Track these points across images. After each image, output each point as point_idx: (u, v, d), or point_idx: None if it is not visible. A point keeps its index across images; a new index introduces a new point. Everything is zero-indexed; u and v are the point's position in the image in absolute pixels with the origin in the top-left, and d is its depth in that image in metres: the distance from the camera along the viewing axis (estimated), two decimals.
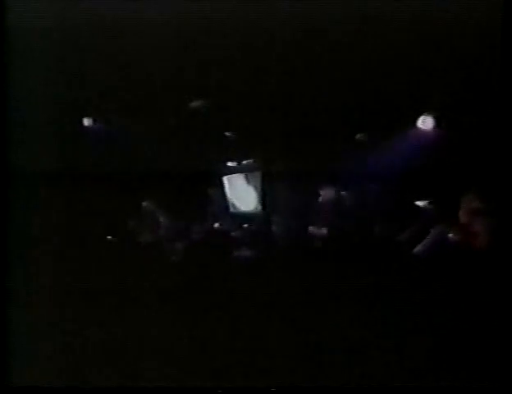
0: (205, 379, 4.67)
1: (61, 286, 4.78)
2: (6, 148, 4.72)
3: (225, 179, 5.06)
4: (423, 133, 4.88)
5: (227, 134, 4.99)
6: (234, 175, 5.06)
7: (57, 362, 4.74)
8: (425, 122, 4.89)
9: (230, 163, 5.04)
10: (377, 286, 4.72)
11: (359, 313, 4.71)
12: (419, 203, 4.96)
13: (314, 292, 4.74)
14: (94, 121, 4.90)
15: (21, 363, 4.69)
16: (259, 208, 5.06)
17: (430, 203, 4.96)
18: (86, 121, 4.90)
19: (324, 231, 5.03)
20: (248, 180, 5.07)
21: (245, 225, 5.07)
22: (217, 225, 5.09)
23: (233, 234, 5.09)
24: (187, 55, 4.78)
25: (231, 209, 5.10)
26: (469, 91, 4.70)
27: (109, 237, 4.96)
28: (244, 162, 5.05)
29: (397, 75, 4.77)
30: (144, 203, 5.01)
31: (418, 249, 4.92)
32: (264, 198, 5.04)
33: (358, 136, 4.89)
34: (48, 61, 4.79)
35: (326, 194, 5.08)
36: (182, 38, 4.76)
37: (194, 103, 4.94)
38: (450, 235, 4.94)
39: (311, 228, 5.05)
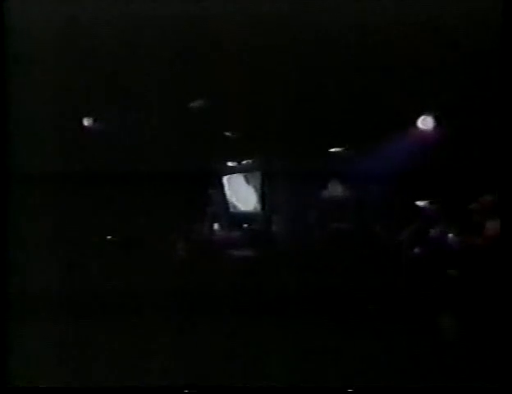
0: (204, 379, 4.67)
1: (62, 286, 4.78)
2: (6, 149, 4.73)
3: (225, 179, 5.07)
4: (423, 133, 4.89)
5: (227, 134, 4.99)
6: (234, 175, 5.07)
7: (56, 362, 4.74)
8: (425, 122, 4.90)
9: (230, 163, 5.05)
10: (378, 285, 4.72)
11: (359, 313, 4.71)
12: (419, 203, 4.97)
13: (314, 292, 4.75)
14: (94, 121, 4.90)
15: (21, 363, 4.69)
16: (259, 208, 5.07)
17: (430, 203, 4.96)
18: (86, 121, 4.90)
19: (324, 230, 5.04)
20: (248, 181, 5.08)
21: (245, 225, 5.08)
22: (216, 225, 5.10)
23: (233, 234, 5.09)
24: (187, 55, 4.79)
25: (231, 209, 5.10)
26: (469, 91, 4.71)
27: (109, 237, 4.96)
28: (244, 162, 5.06)
29: (397, 75, 4.78)
30: None
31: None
32: (264, 198, 5.04)
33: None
34: (48, 61, 4.79)
35: (325, 194, 5.08)
36: (183, 38, 4.76)
37: (194, 103, 4.95)
38: (451, 235, 4.95)
39: (311, 228, 5.06)
